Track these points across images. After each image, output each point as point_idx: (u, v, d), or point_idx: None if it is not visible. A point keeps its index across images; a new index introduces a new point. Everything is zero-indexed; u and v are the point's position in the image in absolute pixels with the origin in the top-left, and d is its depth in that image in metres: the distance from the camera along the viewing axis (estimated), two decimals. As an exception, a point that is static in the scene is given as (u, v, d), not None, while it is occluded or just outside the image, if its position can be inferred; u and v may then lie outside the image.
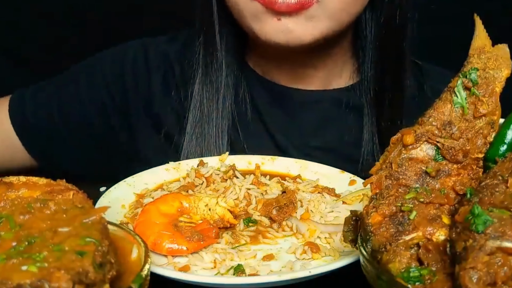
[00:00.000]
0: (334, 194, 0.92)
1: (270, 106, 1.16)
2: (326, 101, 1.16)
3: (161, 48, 1.21)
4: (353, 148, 1.13)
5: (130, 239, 0.62)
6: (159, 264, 0.73)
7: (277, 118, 1.16)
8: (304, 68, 1.14)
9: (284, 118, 1.15)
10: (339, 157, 1.12)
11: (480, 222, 0.53)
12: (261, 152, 1.04)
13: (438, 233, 0.60)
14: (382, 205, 0.64)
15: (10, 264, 0.49)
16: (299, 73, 1.15)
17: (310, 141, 1.15)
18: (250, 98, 1.15)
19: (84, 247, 0.52)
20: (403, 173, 0.66)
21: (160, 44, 1.22)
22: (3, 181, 0.62)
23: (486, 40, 0.73)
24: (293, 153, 1.12)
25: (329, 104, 1.16)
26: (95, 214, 0.57)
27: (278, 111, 1.16)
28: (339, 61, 1.17)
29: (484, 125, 0.68)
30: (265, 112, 1.16)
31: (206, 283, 0.70)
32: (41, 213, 0.58)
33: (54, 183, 0.63)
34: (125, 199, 0.89)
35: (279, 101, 1.16)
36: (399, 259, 0.58)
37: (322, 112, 1.16)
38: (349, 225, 0.67)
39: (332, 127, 1.16)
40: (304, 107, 1.15)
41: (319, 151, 1.13)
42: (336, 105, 1.16)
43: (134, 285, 0.54)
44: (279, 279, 0.68)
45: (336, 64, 1.16)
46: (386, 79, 1.12)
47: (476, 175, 0.66)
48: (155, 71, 1.19)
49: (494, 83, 0.70)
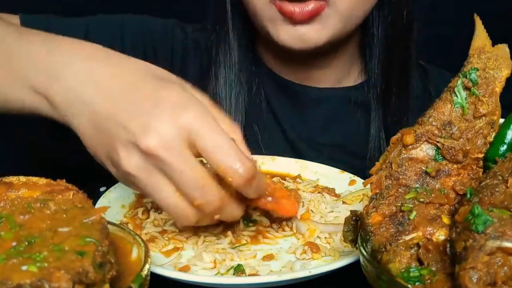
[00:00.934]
0: (334, 194, 0.92)
1: (280, 102, 1.17)
2: (335, 98, 1.17)
3: (195, 35, 1.20)
4: (361, 145, 1.15)
5: (130, 239, 0.62)
6: (159, 264, 0.73)
7: (288, 113, 1.17)
8: (315, 68, 1.15)
9: (295, 114, 1.17)
10: (347, 153, 1.14)
11: (480, 222, 0.53)
12: (274, 147, 1.05)
13: (438, 233, 0.60)
14: (382, 205, 0.64)
15: (10, 264, 0.49)
16: (310, 73, 1.16)
17: (319, 137, 1.16)
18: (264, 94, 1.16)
19: (84, 247, 0.52)
20: (403, 173, 0.66)
21: (195, 31, 1.20)
22: (3, 181, 0.62)
23: (486, 40, 0.73)
24: (303, 148, 1.14)
25: (338, 101, 1.17)
26: (95, 214, 0.57)
27: (288, 107, 1.17)
28: (347, 60, 1.18)
29: (484, 125, 0.68)
30: (277, 107, 1.17)
31: (206, 283, 0.70)
32: (41, 213, 0.58)
33: (54, 183, 0.63)
34: (125, 199, 0.89)
35: (290, 97, 1.17)
36: (399, 259, 0.58)
37: (331, 109, 1.17)
38: (349, 225, 0.67)
39: (341, 124, 1.17)
40: (313, 104, 1.16)
41: (328, 147, 1.15)
42: (344, 102, 1.17)
43: (134, 285, 0.54)
44: (279, 279, 0.68)
45: (345, 63, 1.18)
46: (392, 76, 1.14)
47: (476, 175, 0.66)
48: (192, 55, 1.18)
49: (494, 83, 0.70)
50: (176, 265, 0.74)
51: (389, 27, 1.11)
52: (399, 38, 1.12)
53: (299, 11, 0.97)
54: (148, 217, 0.84)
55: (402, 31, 1.11)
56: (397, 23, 1.11)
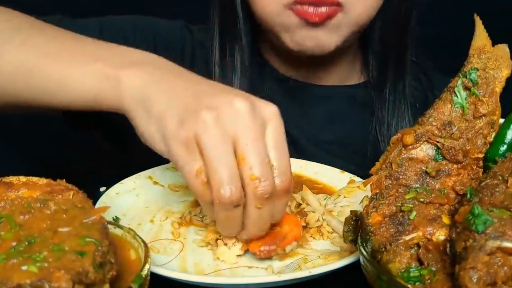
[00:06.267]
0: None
1: (284, 99, 1.17)
2: (339, 96, 1.18)
3: (200, 36, 1.20)
4: (363, 143, 1.16)
5: (130, 239, 0.62)
6: (159, 264, 0.73)
7: (291, 111, 1.16)
8: (319, 67, 1.16)
9: (297, 111, 1.17)
10: (349, 151, 1.15)
11: (480, 222, 0.53)
12: None
13: (438, 233, 0.60)
14: (382, 205, 0.64)
15: (10, 264, 0.49)
16: (314, 72, 1.17)
17: (322, 135, 1.17)
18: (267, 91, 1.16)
19: (84, 247, 0.52)
20: (403, 173, 0.66)
21: (200, 31, 1.20)
22: (3, 181, 0.62)
23: (486, 40, 0.73)
24: (305, 145, 1.14)
25: (341, 99, 1.18)
26: (95, 214, 0.57)
27: (291, 104, 1.17)
28: (350, 59, 1.19)
29: (484, 125, 0.68)
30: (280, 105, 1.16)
31: (206, 283, 0.70)
32: (41, 213, 0.58)
33: (54, 183, 0.63)
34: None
35: (293, 94, 1.17)
36: (399, 259, 0.58)
37: (334, 107, 1.18)
38: (349, 225, 0.67)
39: (344, 122, 1.18)
40: (317, 101, 1.17)
41: (330, 145, 1.16)
42: (348, 100, 1.18)
43: (134, 285, 0.54)
44: (279, 279, 0.68)
45: (348, 62, 1.19)
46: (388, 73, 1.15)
47: (476, 175, 0.66)
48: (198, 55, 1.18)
49: (494, 83, 0.70)
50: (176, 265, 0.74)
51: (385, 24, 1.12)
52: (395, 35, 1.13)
53: (314, 11, 0.98)
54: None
55: (398, 27, 1.12)
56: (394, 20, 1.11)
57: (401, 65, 1.14)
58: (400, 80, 1.14)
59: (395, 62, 1.14)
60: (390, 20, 1.11)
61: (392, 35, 1.12)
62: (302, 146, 1.15)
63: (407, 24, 1.12)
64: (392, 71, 1.14)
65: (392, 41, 1.13)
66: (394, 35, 1.13)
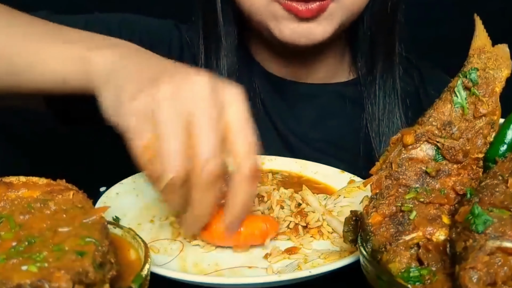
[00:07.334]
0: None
1: (272, 97, 1.17)
2: (327, 94, 1.18)
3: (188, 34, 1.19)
4: (353, 140, 1.15)
5: (130, 239, 0.62)
6: (159, 264, 0.73)
7: (280, 109, 1.16)
8: (307, 64, 1.15)
9: (286, 110, 1.16)
10: (340, 149, 1.14)
11: (480, 222, 0.53)
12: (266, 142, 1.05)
13: (438, 233, 0.60)
14: (382, 205, 0.64)
15: (10, 264, 0.49)
16: (301, 69, 1.16)
17: (311, 133, 1.16)
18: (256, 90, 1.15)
19: (84, 247, 0.52)
20: (403, 173, 0.66)
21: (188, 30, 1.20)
22: (3, 181, 0.62)
23: (486, 40, 0.73)
24: (295, 143, 1.13)
25: (330, 97, 1.17)
26: (95, 214, 0.57)
27: (280, 103, 1.17)
28: (338, 56, 1.18)
29: (484, 125, 0.68)
30: (268, 103, 1.16)
31: (206, 283, 0.70)
32: (41, 213, 0.58)
33: (54, 183, 0.63)
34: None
35: (281, 93, 1.17)
36: (399, 259, 0.58)
37: (322, 105, 1.17)
38: (349, 225, 0.67)
39: (333, 119, 1.17)
40: (305, 99, 1.16)
41: (320, 143, 1.15)
42: (336, 98, 1.17)
43: (134, 285, 0.54)
44: (279, 279, 0.68)
45: (335, 59, 1.18)
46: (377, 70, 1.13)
47: (476, 175, 0.66)
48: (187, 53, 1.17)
49: (494, 83, 0.70)
50: (176, 265, 0.74)
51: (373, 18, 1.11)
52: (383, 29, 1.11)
53: (305, 8, 0.97)
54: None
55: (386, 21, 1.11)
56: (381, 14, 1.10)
57: (389, 60, 1.13)
58: (389, 76, 1.13)
59: (384, 57, 1.13)
60: (378, 14, 1.10)
61: (379, 30, 1.11)
62: (291, 143, 1.14)
63: (394, 18, 1.11)
64: (381, 66, 1.13)
65: (380, 36, 1.12)
66: (382, 30, 1.11)
